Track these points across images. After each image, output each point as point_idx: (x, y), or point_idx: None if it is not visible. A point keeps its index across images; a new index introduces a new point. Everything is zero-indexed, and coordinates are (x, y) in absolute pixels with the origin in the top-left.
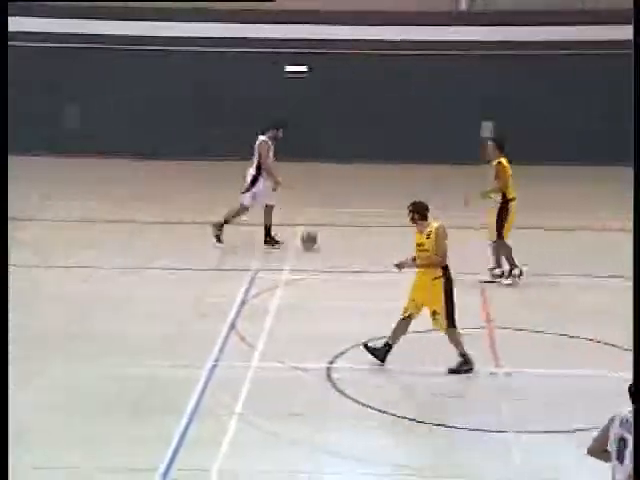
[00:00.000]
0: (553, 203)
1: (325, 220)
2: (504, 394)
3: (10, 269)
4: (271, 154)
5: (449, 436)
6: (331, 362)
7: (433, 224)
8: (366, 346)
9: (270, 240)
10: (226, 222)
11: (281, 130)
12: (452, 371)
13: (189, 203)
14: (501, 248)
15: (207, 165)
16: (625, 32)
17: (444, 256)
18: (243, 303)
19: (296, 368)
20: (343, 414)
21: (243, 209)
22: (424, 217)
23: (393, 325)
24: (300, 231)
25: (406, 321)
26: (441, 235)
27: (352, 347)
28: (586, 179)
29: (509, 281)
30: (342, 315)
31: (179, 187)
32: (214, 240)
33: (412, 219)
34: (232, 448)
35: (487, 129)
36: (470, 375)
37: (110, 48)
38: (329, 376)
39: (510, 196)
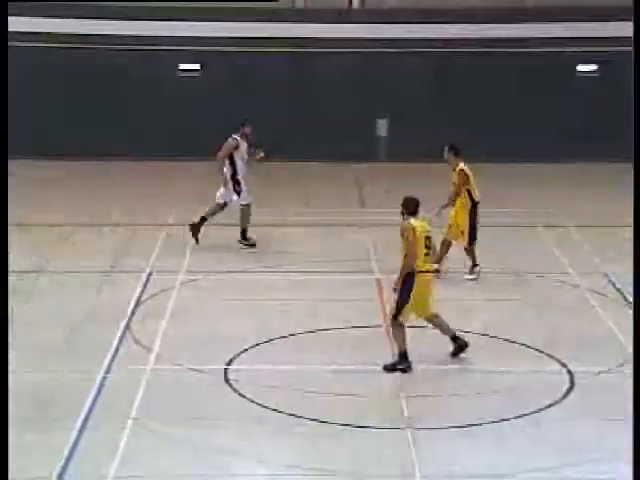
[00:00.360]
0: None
1: (221, 220)
2: (403, 391)
3: None
4: (243, 151)
5: (349, 435)
6: (228, 363)
7: (404, 222)
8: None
9: (195, 230)
10: (244, 230)
11: (247, 127)
12: (387, 368)
13: (82, 205)
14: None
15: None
16: (508, 30)
17: (412, 256)
18: (138, 305)
19: (193, 370)
20: (241, 416)
21: (248, 209)
22: (410, 213)
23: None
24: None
25: (437, 319)
26: (405, 232)
27: (250, 348)
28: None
29: (473, 276)
30: (238, 316)
31: (70, 189)
32: (241, 245)
33: (402, 214)
34: (128, 454)
35: (382, 127)
36: (374, 373)
37: None
38: (226, 377)
39: (477, 200)
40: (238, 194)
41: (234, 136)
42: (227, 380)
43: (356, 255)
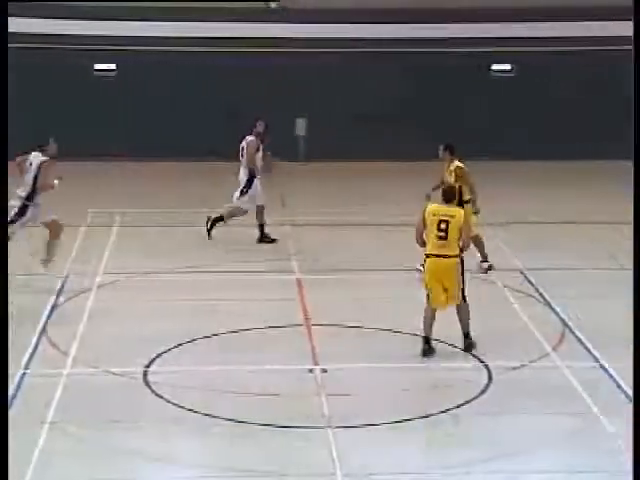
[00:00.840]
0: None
1: (144, 220)
2: (323, 390)
3: None
4: (260, 152)
5: (269, 435)
6: (147, 365)
7: None
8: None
9: (265, 238)
10: (221, 220)
11: (260, 124)
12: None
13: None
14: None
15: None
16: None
17: (416, 232)
18: (54, 308)
19: (111, 372)
20: (161, 418)
21: (242, 212)
22: (444, 200)
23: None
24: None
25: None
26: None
27: (172, 349)
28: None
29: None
30: (157, 317)
31: None
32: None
33: None
34: (44, 458)
35: (301, 126)
36: (294, 372)
37: None
38: (146, 379)
39: (465, 198)
40: (243, 195)
41: (252, 138)
42: (146, 382)
43: (277, 255)
